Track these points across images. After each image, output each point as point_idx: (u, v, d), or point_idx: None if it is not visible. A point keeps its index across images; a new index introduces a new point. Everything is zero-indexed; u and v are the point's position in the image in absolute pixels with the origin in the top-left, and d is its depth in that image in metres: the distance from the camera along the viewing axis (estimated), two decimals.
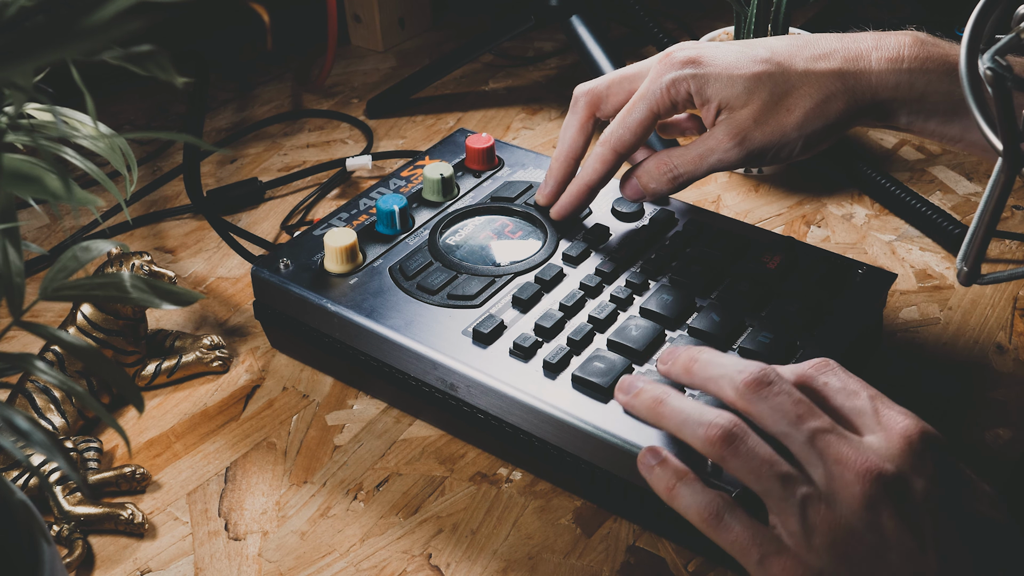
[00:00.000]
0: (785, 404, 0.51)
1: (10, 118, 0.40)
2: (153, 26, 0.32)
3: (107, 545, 0.62)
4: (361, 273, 0.69)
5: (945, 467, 0.50)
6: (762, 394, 0.51)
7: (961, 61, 0.49)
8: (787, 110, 0.65)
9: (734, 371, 0.52)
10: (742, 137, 0.65)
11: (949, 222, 0.82)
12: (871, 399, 0.52)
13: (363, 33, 1.14)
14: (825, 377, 0.53)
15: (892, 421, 0.51)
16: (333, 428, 0.69)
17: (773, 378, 0.52)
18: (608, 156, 0.69)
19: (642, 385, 0.56)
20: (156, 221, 0.89)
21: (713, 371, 0.54)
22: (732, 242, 0.71)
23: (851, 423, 0.52)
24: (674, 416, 0.53)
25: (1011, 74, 0.46)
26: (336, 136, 1.00)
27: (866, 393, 0.52)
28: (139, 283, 0.42)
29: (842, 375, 0.54)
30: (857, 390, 0.53)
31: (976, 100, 0.48)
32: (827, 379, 0.53)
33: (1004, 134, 0.47)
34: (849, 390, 0.53)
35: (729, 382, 0.52)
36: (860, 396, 0.52)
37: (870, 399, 0.52)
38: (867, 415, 0.51)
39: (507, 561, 0.61)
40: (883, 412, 0.51)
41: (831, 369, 0.54)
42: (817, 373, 0.53)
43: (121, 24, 0.31)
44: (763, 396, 0.51)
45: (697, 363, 0.55)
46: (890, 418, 0.51)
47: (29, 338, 0.75)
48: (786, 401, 0.51)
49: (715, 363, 0.54)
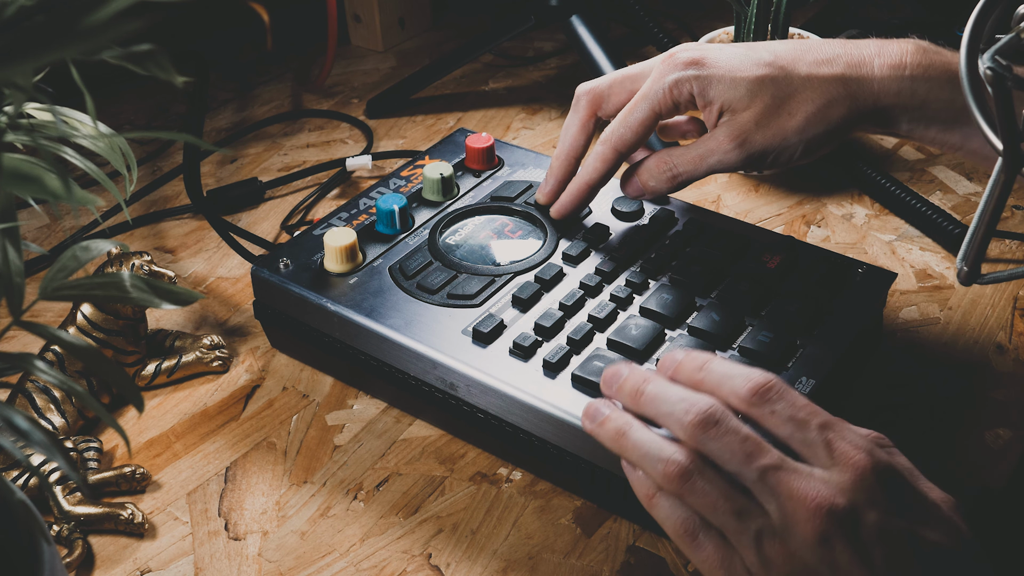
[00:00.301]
0: (733, 444, 0.50)
1: (10, 118, 0.40)
2: (153, 26, 0.32)
3: (107, 545, 0.62)
4: (361, 273, 0.69)
5: (899, 497, 0.49)
6: (710, 435, 0.50)
7: (961, 61, 0.49)
8: (789, 114, 0.65)
9: (680, 411, 0.51)
10: (743, 139, 0.65)
11: (949, 222, 0.82)
12: (821, 429, 0.50)
13: (363, 33, 1.14)
14: (770, 406, 0.51)
15: (845, 453, 0.49)
16: (333, 428, 0.69)
17: (719, 417, 0.51)
18: (609, 155, 0.69)
19: (607, 413, 0.55)
20: (156, 221, 0.89)
21: (661, 407, 0.53)
22: (732, 242, 0.71)
23: (801, 455, 0.50)
24: (635, 450, 0.53)
25: (1011, 74, 0.46)
26: (336, 136, 1.00)
27: (816, 423, 0.51)
28: (139, 283, 0.42)
29: (788, 403, 0.51)
30: (806, 419, 0.51)
31: (976, 100, 0.48)
32: (773, 408, 0.51)
33: (1004, 134, 0.47)
34: (797, 420, 0.51)
35: (676, 422, 0.51)
36: (809, 427, 0.51)
37: (820, 430, 0.50)
38: (817, 447, 0.50)
39: (507, 561, 0.61)
40: (835, 444, 0.50)
41: (776, 395, 0.52)
42: (761, 402, 0.51)
43: (121, 24, 0.31)
44: (711, 437, 0.50)
45: (643, 396, 0.53)
46: (842, 450, 0.49)
47: (29, 338, 0.75)
48: (733, 441, 0.50)
49: (661, 399, 0.53)
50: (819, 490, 0.48)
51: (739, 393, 0.52)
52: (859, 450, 0.50)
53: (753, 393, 0.52)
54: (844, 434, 0.51)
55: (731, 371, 0.53)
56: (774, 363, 0.62)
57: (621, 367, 0.56)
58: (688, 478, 0.51)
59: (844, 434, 0.51)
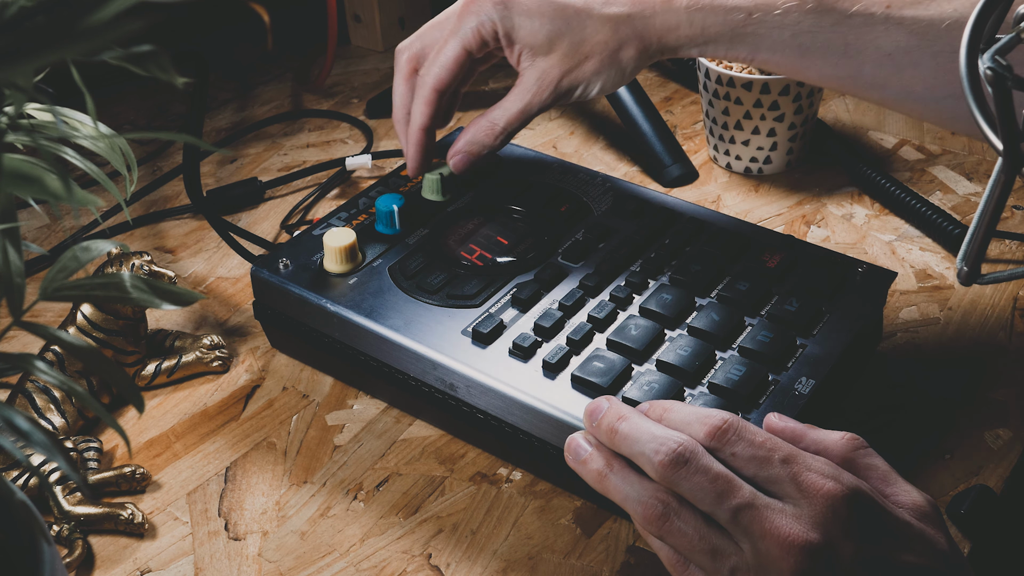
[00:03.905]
0: (703, 483, 0.50)
1: (10, 118, 0.40)
2: (153, 26, 0.32)
3: (107, 545, 0.62)
4: (360, 273, 0.69)
5: (872, 524, 0.49)
6: (680, 474, 0.50)
7: (961, 61, 0.49)
8: (586, 56, 0.69)
9: (650, 451, 0.51)
10: (552, 83, 0.70)
11: (949, 222, 0.82)
12: (784, 464, 0.50)
13: (363, 33, 1.14)
14: (730, 448, 0.51)
15: (813, 486, 0.49)
16: (333, 428, 0.69)
17: (688, 456, 0.51)
18: (429, 95, 0.72)
19: (590, 451, 0.55)
20: (156, 221, 0.89)
21: (634, 447, 0.53)
22: (732, 241, 0.71)
23: (770, 492, 0.50)
24: (616, 491, 0.53)
25: (1011, 74, 0.46)
26: (336, 136, 1.00)
27: (778, 457, 0.51)
28: (139, 283, 0.42)
29: (747, 442, 0.51)
30: (768, 456, 0.51)
31: (976, 100, 0.48)
32: (732, 450, 0.51)
33: (1004, 134, 0.47)
34: (759, 458, 0.51)
35: (648, 461, 0.52)
36: (772, 464, 0.51)
37: (783, 464, 0.50)
38: (784, 483, 0.50)
39: (507, 561, 0.61)
40: (801, 476, 0.50)
41: (735, 435, 0.52)
42: (720, 445, 0.52)
43: (121, 24, 0.31)
44: (681, 476, 0.50)
45: (618, 435, 0.54)
46: (810, 482, 0.49)
47: (29, 338, 0.75)
48: (703, 480, 0.50)
49: (632, 438, 0.53)
50: (791, 527, 0.48)
51: (697, 438, 0.52)
52: (826, 479, 0.50)
53: (711, 437, 0.52)
54: (809, 464, 0.50)
55: (687, 417, 0.53)
56: (774, 363, 0.62)
57: (601, 402, 0.56)
58: (665, 520, 0.51)
59: (809, 464, 0.50)
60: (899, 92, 0.68)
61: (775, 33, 0.67)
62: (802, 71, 0.69)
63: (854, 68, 0.67)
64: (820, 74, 0.68)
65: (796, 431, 0.55)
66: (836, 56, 0.67)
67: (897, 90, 0.67)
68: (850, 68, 0.67)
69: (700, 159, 0.94)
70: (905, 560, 0.49)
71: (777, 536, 0.48)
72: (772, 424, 0.55)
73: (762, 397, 0.61)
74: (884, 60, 0.66)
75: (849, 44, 0.66)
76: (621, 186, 0.78)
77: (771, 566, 0.48)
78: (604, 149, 0.96)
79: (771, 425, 0.55)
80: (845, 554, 0.48)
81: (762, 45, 0.67)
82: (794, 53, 0.67)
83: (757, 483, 0.51)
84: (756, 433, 0.52)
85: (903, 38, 0.65)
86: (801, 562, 0.47)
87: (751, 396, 0.60)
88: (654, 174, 0.92)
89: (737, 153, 0.90)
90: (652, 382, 0.60)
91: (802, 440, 0.54)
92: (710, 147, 0.93)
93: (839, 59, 0.67)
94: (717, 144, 0.91)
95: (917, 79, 0.66)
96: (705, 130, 0.93)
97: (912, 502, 0.51)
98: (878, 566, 0.48)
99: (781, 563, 0.48)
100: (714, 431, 0.52)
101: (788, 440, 0.54)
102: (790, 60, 0.68)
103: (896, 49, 0.65)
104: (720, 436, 0.52)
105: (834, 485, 0.49)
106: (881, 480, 0.52)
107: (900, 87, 0.67)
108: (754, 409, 0.60)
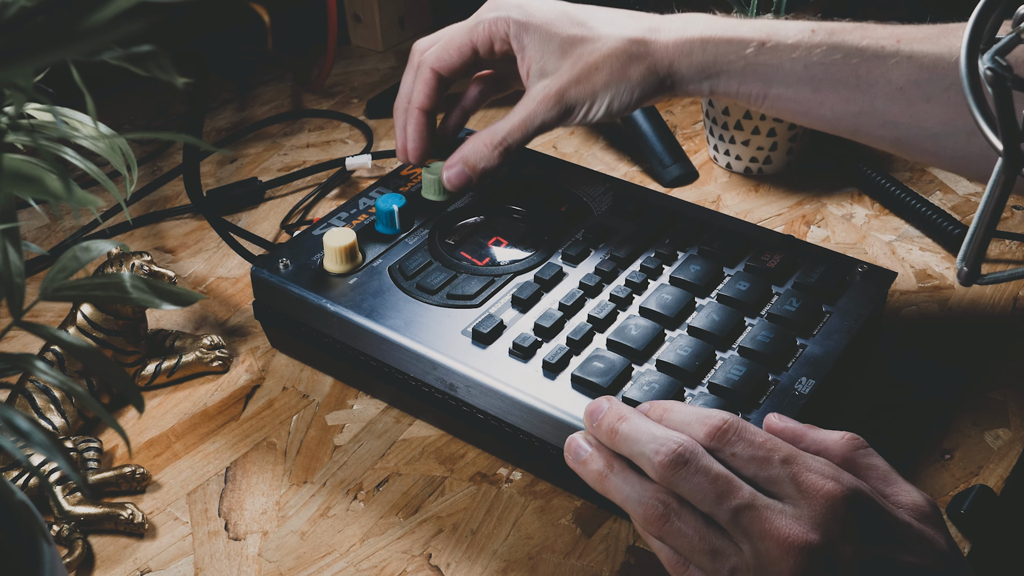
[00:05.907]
0: (703, 484, 0.50)
1: (10, 118, 0.40)
2: (153, 26, 0.32)
3: (107, 545, 0.62)
4: (361, 273, 0.69)
5: (872, 524, 0.49)
6: (680, 475, 0.50)
7: (961, 61, 0.49)
8: (596, 69, 0.68)
9: (650, 451, 0.51)
10: (559, 97, 0.69)
11: (949, 222, 0.82)
12: (784, 464, 0.50)
13: (363, 33, 1.14)
14: (730, 448, 0.51)
15: (813, 486, 0.49)
16: (333, 428, 0.69)
17: (688, 456, 0.51)
18: (428, 75, 0.72)
19: (590, 451, 0.55)
20: (156, 221, 0.89)
21: (634, 447, 0.53)
22: (732, 241, 0.71)
23: (770, 492, 0.50)
24: (616, 492, 0.53)
25: (1011, 74, 0.46)
26: (336, 136, 1.00)
27: (778, 457, 0.51)
28: (139, 283, 0.42)
29: (747, 442, 0.51)
30: (767, 457, 0.51)
31: (976, 100, 0.48)
32: (732, 450, 0.51)
33: (1004, 134, 0.47)
34: (759, 459, 0.51)
35: (648, 462, 0.52)
36: (772, 464, 0.51)
37: (783, 465, 0.50)
38: (784, 483, 0.50)
39: (507, 561, 0.61)
40: (802, 477, 0.50)
41: (735, 436, 0.52)
42: (720, 446, 0.52)
43: (121, 24, 0.31)
44: (681, 477, 0.50)
45: (618, 435, 0.54)
46: (810, 482, 0.49)
47: (29, 338, 0.75)
48: (703, 481, 0.50)
49: (633, 439, 0.53)
50: (791, 528, 0.48)
51: (697, 439, 0.52)
52: (826, 479, 0.50)
53: (710, 437, 0.52)
54: (809, 464, 0.50)
55: (687, 417, 0.53)
56: (774, 363, 0.62)
57: (601, 402, 0.56)
58: (665, 521, 0.51)
59: (809, 464, 0.50)
60: (913, 129, 0.67)
61: (787, 64, 0.67)
62: (816, 108, 0.68)
63: (867, 103, 0.67)
64: (834, 111, 0.68)
65: (796, 431, 0.55)
66: (848, 90, 0.67)
67: (910, 126, 0.67)
68: (863, 103, 0.67)
69: (700, 159, 0.94)
70: (905, 560, 0.49)
71: (777, 537, 0.48)
72: (772, 424, 0.55)
73: (762, 397, 0.61)
74: (896, 94, 0.66)
75: (861, 77, 0.66)
76: (621, 186, 0.78)
77: (771, 567, 0.48)
78: (604, 149, 0.96)
79: (771, 425, 0.55)
80: (845, 554, 0.48)
81: (774, 78, 0.67)
82: (807, 87, 0.67)
83: (757, 483, 0.51)
84: (756, 433, 0.52)
85: (914, 72, 0.65)
86: (801, 563, 0.47)
87: (751, 396, 0.60)
88: (654, 174, 0.92)
89: (737, 153, 0.90)
90: (652, 382, 0.61)
91: (802, 440, 0.54)
92: (710, 147, 0.93)
93: (851, 93, 0.67)
94: (717, 144, 0.91)
95: (930, 114, 0.66)
96: (705, 130, 0.93)
97: (912, 502, 0.51)
98: (878, 566, 0.48)
99: (781, 564, 0.48)
100: (714, 431, 0.52)
101: (788, 440, 0.54)
102: (803, 95, 0.68)
103: (908, 83, 0.66)
104: (720, 436, 0.52)
105: (834, 485, 0.49)
106: (881, 480, 0.52)
107: (913, 123, 0.67)
108: (754, 409, 0.60)
